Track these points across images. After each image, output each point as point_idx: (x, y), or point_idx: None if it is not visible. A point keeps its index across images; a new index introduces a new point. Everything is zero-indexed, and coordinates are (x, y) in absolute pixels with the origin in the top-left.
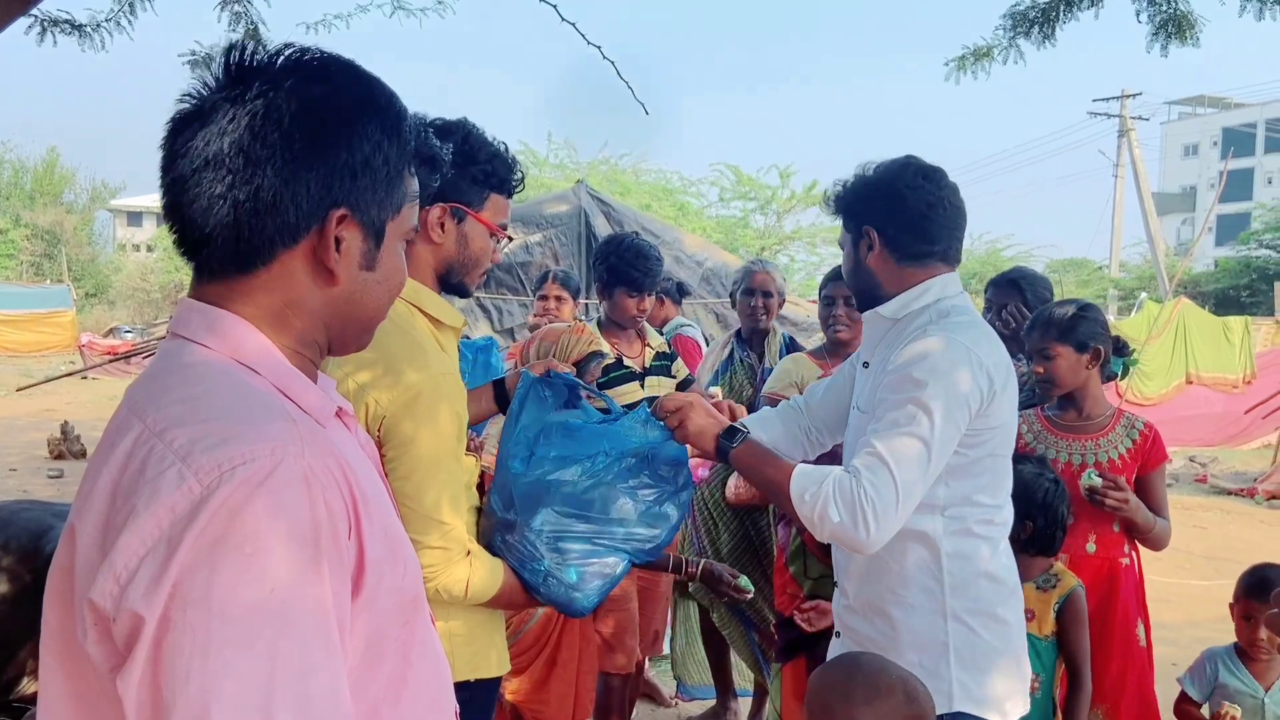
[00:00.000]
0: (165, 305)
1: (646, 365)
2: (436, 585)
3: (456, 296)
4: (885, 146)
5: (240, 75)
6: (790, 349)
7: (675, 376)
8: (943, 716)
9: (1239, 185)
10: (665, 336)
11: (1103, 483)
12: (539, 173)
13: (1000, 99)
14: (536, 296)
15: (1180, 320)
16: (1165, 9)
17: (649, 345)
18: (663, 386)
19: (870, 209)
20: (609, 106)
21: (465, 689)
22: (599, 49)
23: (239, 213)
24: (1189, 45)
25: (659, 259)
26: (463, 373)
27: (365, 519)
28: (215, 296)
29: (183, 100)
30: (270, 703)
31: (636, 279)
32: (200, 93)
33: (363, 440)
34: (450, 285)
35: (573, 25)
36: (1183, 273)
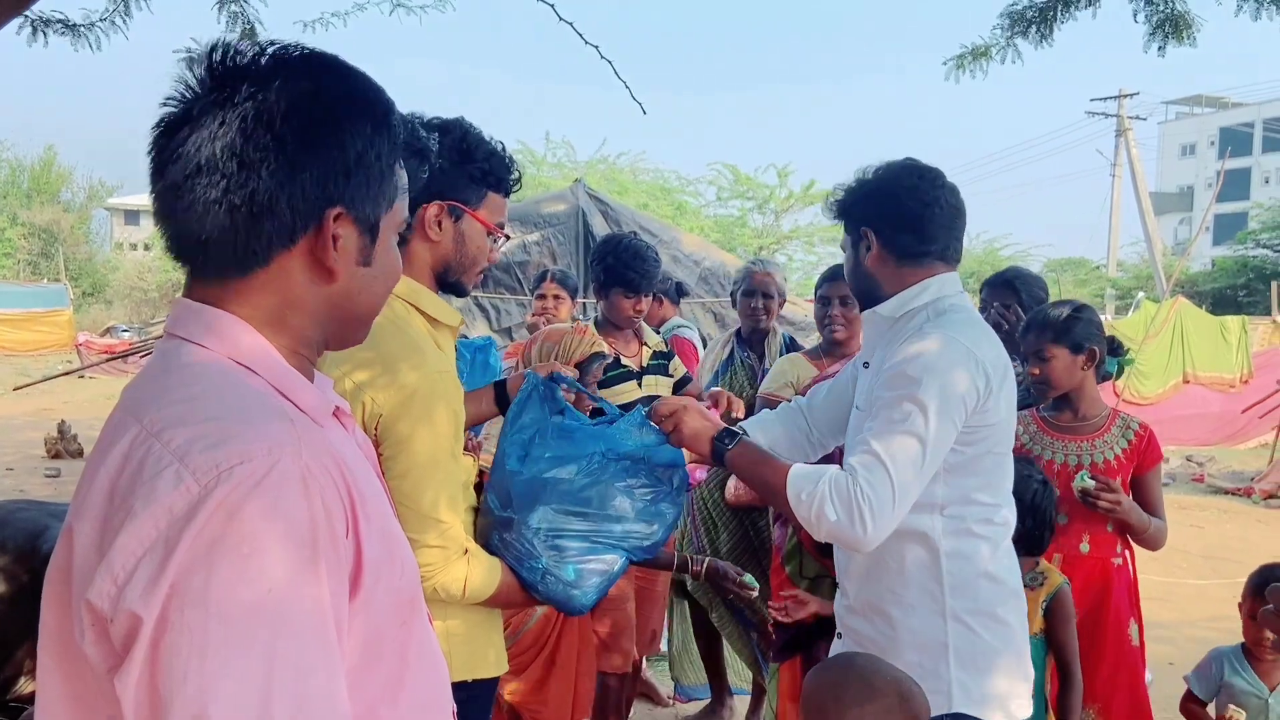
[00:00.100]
0: (162, 304)
1: (644, 364)
2: (434, 584)
3: (454, 295)
4: (883, 146)
5: (226, 77)
6: (790, 349)
7: (672, 375)
8: (942, 717)
9: (1236, 185)
10: (662, 337)
11: (1095, 485)
12: (536, 172)
13: (998, 99)
14: (534, 296)
15: (1177, 320)
16: (1162, 9)
17: (646, 345)
18: (660, 385)
19: (867, 210)
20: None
21: (463, 689)
22: (596, 48)
23: (235, 217)
24: (1186, 45)
25: (656, 260)
26: (461, 372)
27: (363, 519)
28: (212, 297)
29: (168, 104)
30: (268, 703)
31: (633, 280)
32: (185, 96)
33: (360, 439)
34: (447, 284)
35: (570, 25)
36: (1180, 272)
